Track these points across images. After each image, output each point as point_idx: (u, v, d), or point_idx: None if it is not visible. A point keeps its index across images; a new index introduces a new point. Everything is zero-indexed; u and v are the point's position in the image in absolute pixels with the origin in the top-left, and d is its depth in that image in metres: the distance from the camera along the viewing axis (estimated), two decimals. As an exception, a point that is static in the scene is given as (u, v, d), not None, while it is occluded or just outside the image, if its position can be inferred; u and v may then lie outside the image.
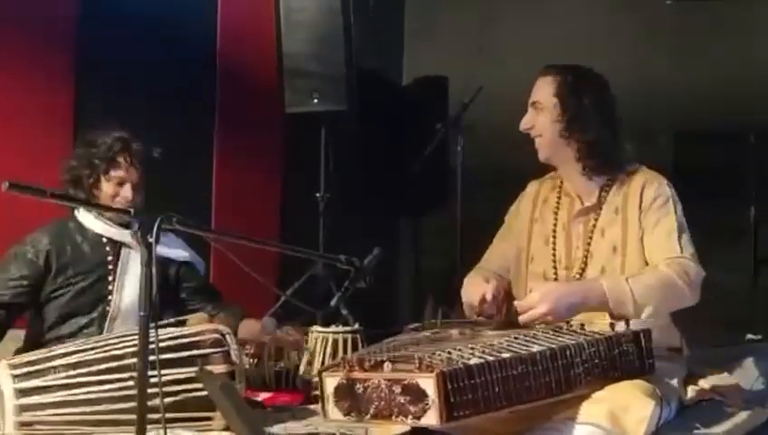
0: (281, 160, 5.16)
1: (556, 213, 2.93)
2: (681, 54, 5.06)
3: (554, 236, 2.91)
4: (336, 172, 4.84)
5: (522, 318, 2.66)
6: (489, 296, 2.78)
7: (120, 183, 3.41)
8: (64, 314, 3.40)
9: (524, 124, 2.91)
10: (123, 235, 3.42)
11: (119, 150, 3.40)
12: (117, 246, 3.45)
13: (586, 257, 2.84)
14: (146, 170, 3.44)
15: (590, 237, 2.84)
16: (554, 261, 2.89)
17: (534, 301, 2.65)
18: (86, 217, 3.45)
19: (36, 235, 3.43)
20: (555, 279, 2.87)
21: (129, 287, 3.43)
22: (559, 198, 2.94)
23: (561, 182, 2.96)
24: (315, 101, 4.73)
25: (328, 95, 4.72)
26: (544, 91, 2.87)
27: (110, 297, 3.42)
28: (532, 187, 3.05)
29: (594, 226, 2.84)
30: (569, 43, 5.10)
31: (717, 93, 4.91)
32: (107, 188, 3.40)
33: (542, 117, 2.87)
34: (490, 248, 3.09)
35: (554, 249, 2.90)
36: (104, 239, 3.45)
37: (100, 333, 3.39)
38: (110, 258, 3.44)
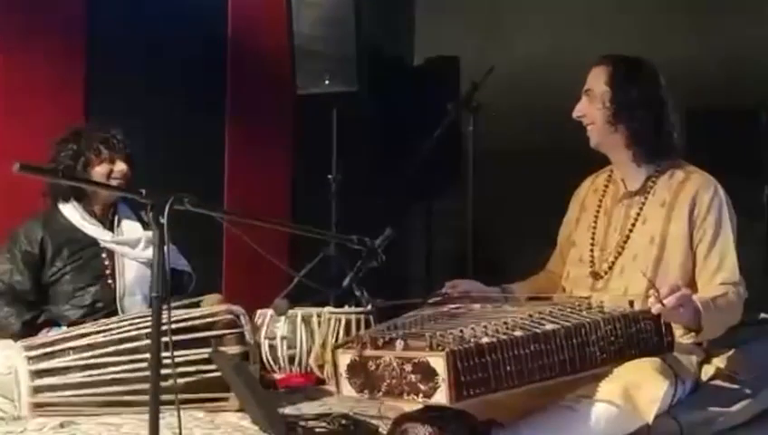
0: (292, 142, 5.16)
1: (601, 199, 3.00)
2: (693, 31, 5.02)
3: (596, 220, 2.98)
4: (348, 153, 4.83)
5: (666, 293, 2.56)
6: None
7: (112, 160, 3.51)
8: (70, 293, 3.45)
9: (577, 111, 2.99)
10: (103, 234, 3.51)
11: (100, 141, 3.50)
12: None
13: (625, 242, 2.88)
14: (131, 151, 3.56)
15: (633, 224, 2.88)
16: (592, 243, 2.95)
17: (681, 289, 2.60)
18: (71, 214, 3.53)
19: (28, 225, 3.53)
20: (591, 261, 2.91)
21: (129, 264, 3.48)
22: (606, 185, 3.02)
23: (612, 172, 3.03)
24: (327, 82, 4.71)
25: (339, 76, 4.70)
26: (597, 80, 2.94)
27: (107, 272, 3.47)
28: (587, 181, 3.13)
29: (639, 213, 2.89)
30: (581, 20, 5.07)
31: (729, 71, 4.88)
32: (100, 168, 3.50)
33: (593, 105, 2.94)
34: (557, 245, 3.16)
35: (594, 231, 2.96)
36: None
37: (109, 309, 3.46)
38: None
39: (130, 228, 3.56)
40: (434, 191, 5.46)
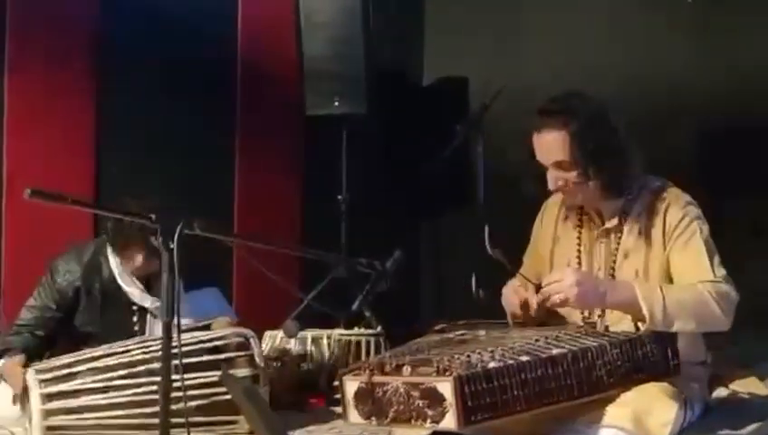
0: (302, 163, 5.18)
1: (579, 234, 2.86)
2: (705, 49, 5.02)
3: (579, 260, 2.84)
4: (357, 174, 4.84)
5: (544, 289, 2.61)
6: (533, 301, 2.71)
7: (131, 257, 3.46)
8: (102, 340, 3.45)
9: (555, 185, 2.78)
10: (144, 299, 3.49)
11: (136, 239, 3.41)
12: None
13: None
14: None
15: (614, 260, 2.78)
16: None
17: (565, 274, 2.62)
18: (116, 268, 3.50)
19: (71, 263, 3.51)
20: None
21: (158, 329, 3.46)
22: (580, 217, 2.87)
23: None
24: (336, 103, 4.73)
25: (348, 97, 4.72)
26: (562, 149, 2.73)
27: (136, 328, 3.47)
28: (554, 199, 2.96)
29: (617, 248, 2.79)
30: (590, 40, 5.08)
31: (741, 89, 4.87)
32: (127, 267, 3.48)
33: (569, 173, 2.75)
34: (522, 267, 2.99)
35: None
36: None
37: None
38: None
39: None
40: (443, 211, 5.47)
